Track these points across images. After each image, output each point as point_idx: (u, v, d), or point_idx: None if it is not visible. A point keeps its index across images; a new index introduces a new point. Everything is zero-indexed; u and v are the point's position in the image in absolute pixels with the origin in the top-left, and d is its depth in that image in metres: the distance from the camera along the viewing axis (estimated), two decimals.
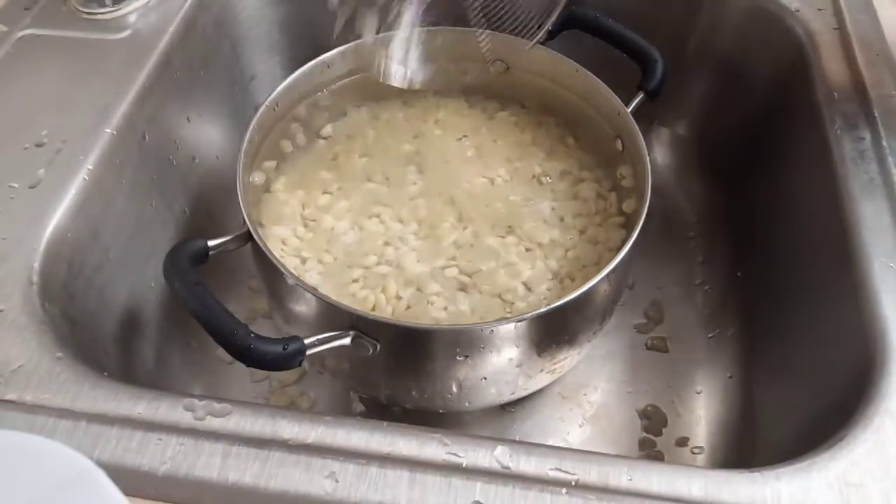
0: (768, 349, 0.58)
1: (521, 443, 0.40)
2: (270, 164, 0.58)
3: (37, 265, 0.47)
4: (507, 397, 0.53)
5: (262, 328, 0.50)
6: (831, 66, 0.58)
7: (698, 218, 0.73)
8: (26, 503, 0.27)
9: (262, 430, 0.40)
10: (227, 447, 0.39)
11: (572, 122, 0.62)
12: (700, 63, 0.70)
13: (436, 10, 0.56)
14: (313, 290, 0.45)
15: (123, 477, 0.37)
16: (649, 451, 0.59)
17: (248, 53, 0.71)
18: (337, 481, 0.38)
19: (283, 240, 0.56)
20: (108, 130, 0.53)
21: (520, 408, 0.61)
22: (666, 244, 0.70)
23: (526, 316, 0.44)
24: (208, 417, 0.40)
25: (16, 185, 0.50)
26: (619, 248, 0.47)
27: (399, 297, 0.52)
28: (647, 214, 0.48)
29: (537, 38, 0.56)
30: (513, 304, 0.52)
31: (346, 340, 0.44)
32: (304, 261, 0.55)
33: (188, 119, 0.63)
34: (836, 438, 0.40)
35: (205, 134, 0.66)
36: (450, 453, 0.39)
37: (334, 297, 0.47)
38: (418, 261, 0.54)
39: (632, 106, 0.55)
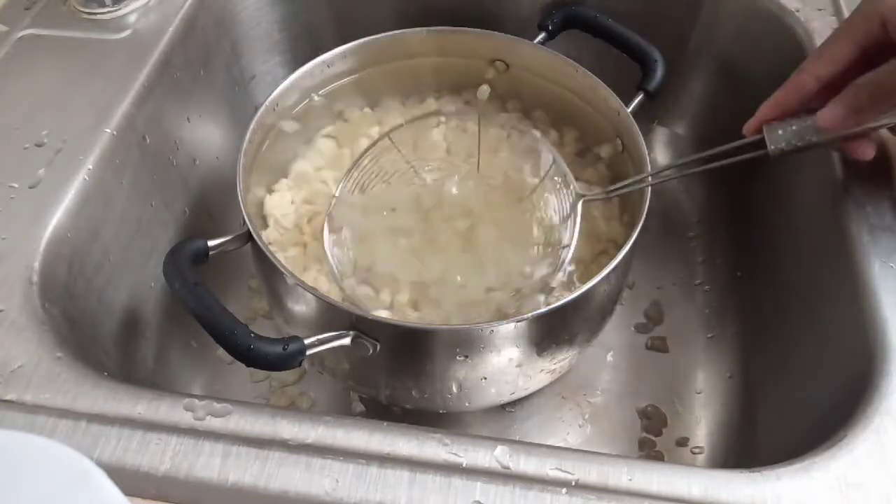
0: (768, 349, 0.58)
1: (521, 443, 0.40)
2: (270, 164, 0.58)
3: (37, 265, 0.47)
4: (507, 397, 0.53)
5: (262, 328, 0.50)
6: None
7: (698, 218, 0.73)
8: (26, 503, 0.27)
9: (262, 430, 0.40)
10: (227, 447, 0.39)
11: (572, 122, 0.62)
12: (700, 63, 0.70)
13: None
14: (313, 290, 0.45)
15: (123, 477, 0.38)
16: (649, 451, 0.59)
17: (248, 53, 0.71)
18: (337, 481, 0.38)
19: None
20: (108, 130, 0.53)
21: (520, 408, 0.61)
22: (666, 244, 0.70)
23: (526, 316, 0.44)
24: (208, 417, 0.40)
25: (16, 185, 0.50)
26: (619, 248, 0.47)
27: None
28: (648, 214, 0.48)
29: None
30: (520, 305, 0.52)
31: (346, 340, 0.44)
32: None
33: (188, 119, 0.63)
34: (836, 438, 0.40)
35: (205, 134, 0.66)
36: (450, 453, 0.39)
37: (334, 297, 0.47)
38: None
39: (632, 106, 0.55)
